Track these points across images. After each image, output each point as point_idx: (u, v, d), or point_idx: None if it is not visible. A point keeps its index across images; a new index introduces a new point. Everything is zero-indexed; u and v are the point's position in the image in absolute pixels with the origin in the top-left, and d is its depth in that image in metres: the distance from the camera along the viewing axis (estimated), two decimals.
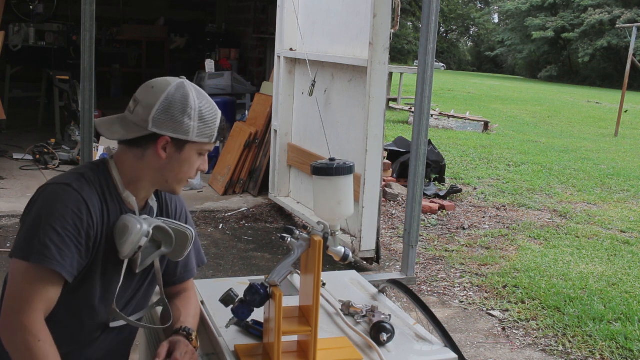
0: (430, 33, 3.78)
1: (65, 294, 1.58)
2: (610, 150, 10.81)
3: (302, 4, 5.13)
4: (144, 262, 1.68)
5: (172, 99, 1.60)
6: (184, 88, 1.63)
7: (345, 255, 1.79)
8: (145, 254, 1.67)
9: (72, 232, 1.54)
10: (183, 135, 1.61)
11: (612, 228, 5.79)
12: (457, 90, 22.92)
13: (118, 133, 1.63)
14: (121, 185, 1.66)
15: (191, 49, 9.93)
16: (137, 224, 1.60)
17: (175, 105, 1.60)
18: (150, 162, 1.64)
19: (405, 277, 4.08)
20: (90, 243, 1.58)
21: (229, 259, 4.44)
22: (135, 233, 1.59)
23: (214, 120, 1.65)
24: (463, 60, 52.82)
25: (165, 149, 1.63)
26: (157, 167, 1.65)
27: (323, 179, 1.70)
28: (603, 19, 35.31)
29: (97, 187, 1.62)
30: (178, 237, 1.70)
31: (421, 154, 3.96)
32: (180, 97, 1.61)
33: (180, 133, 1.61)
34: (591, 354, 3.37)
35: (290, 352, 1.68)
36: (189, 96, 1.62)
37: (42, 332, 1.51)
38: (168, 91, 1.61)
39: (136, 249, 1.61)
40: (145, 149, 1.63)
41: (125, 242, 1.60)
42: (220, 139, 1.69)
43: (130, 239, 1.59)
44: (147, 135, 1.61)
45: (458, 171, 7.83)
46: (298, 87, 5.29)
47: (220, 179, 6.04)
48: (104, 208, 1.62)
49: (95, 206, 1.59)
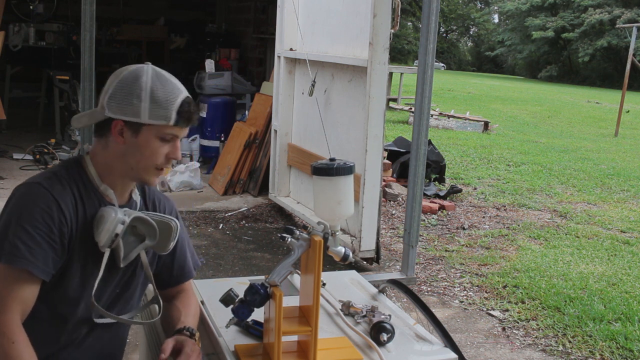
0: (430, 33, 3.78)
1: (45, 292, 1.57)
2: (610, 150, 10.81)
3: (302, 4, 5.13)
4: (127, 255, 1.66)
5: (123, 82, 1.59)
6: (138, 70, 1.61)
7: (346, 256, 1.79)
8: (128, 247, 1.65)
9: (44, 229, 1.53)
10: (135, 118, 1.58)
11: (612, 228, 5.79)
12: (457, 90, 22.92)
13: (83, 121, 1.64)
14: (97, 179, 1.65)
15: (191, 49, 9.92)
16: (112, 212, 1.59)
17: (125, 87, 1.59)
18: (113, 149, 1.63)
19: (405, 277, 4.09)
20: (65, 240, 1.57)
21: (229, 259, 4.44)
22: (110, 221, 1.58)
23: (170, 102, 1.60)
24: (463, 60, 52.83)
25: (122, 134, 1.61)
26: (120, 154, 1.63)
27: (323, 179, 1.70)
28: (603, 18, 35.32)
29: (70, 185, 1.60)
30: (162, 229, 1.67)
31: (421, 154, 3.96)
32: (132, 80, 1.59)
33: (131, 115, 1.58)
34: (591, 354, 3.37)
35: (290, 352, 1.68)
36: (141, 77, 1.59)
37: (16, 333, 1.49)
38: (122, 75, 1.61)
39: (113, 236, 1.59)
40: (107, 137, 1.63)
41: (101, 231, 1.58)
42: (183, 122, 1.63)
43: (106, 226, 1.58)
44: (104, 121, 1.60)
45: (458, 171, 7.83)
46: (298, 87, 5.29)
47: (220, 179, 6.04)
48: (77, 204, 1.60)
49: (67, 203, 1.57)
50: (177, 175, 5.94)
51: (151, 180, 1.68)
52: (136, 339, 3.13)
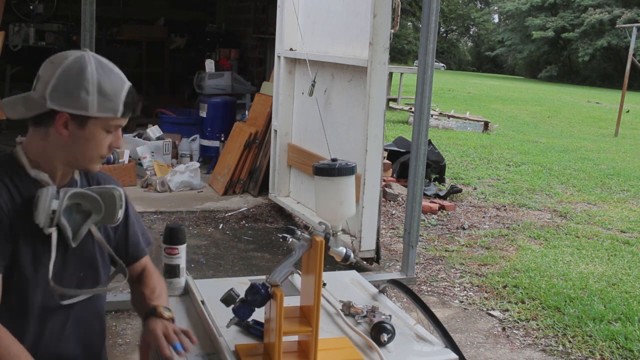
0: (430, 33, 3.78)
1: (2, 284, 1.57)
2: (610, 150, 10.81)
3: (302, 4, 5.13)
4: (76, 234, 1.65)
5: (68, 73, 1.55)
6: (81, 60, 1.56)
7: (347, 256, 1.79)
8: (75, 225, 1.64)
9: None
10: (82, 111, 1.55)
11: (612, 228, 5.79)
12: (457, 90, 22.92)
13: (19, 112, 1.60)
14: (28, 165, 1.62)
15: (191, 49, 9.92)
16: (44, 191, 1.57)
17: (71, 79, 1.55)
18: (55, 140, 1.60)
19: (405, 277, 4.09)
20: (6, 229, 1.56)
21: (229, 259, 4.44)
22: (44, 197, 1.56)
23: (117, 93, 1.57)
24: (463, 60, 52.83)
25: (66, 126, 1.58)
26: (62, 145, 1.61)
27: (325, 180, 1.70)
28: (603, 18, 35.32)
29: (1, 175, 1.59)
30: (105, 199, 1.65)
31: (421, 154, 3.96)
32: (77, 71, 1.55)
33: (79, 109, 1.55)
34: (591, 354, 3.37)
35: (290, 352, 1.68)
36: (86, 69, 1.55)
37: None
38: (64, 65, 1.56)
39: (50, 214, 1.57)
40: (48, 127, 1.59)
41: (38, 211, 1.57)
42: (128, 113, 1.61)
43: (40, 205, 1.57)
44: (46, 113, 1.57)
45: (458, 171, 7.84)
46: (298, 87, 5.30)
47: (220, 179, 6.04)
48: (12, 192, 1.59)
49: (1, 194, 1.56)
50: (177, 175, 5.94)
51: (94, 167, 1.69)
52: (136, 339, 3.14)
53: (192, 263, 4.23)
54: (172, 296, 2.01)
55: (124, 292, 3.74)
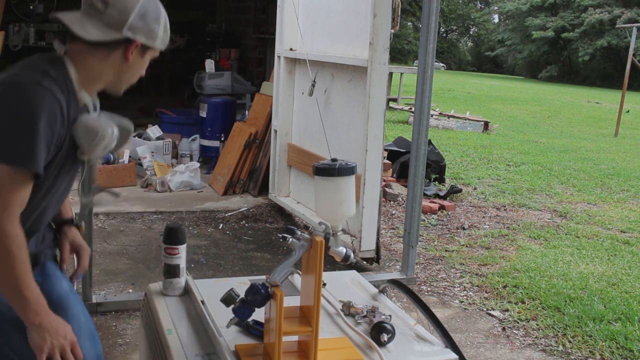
0: (430, 33, 3.78)
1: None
2: (610, 150, 10.81)
3: (302, 4, 5.13)
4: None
5: (147, 6, 1.67)
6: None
7: (347, 256, 1.79)
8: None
9: (49, 133, 1.54)
10: (152, 42, 1.69)
11: (612, 228, 5.79)
12: (457, 90, 22.93)
13: (94, 34, 1.63)
14: (77, 83, 1.66)
15: (191, 49, 9.91)
16: (108, 128, 1.66)
17: (150, 12, 1.67)
18: (114, 64, 1.68)
19: (405, 277, 4.09)
20: (59, 143, 1.60)
21: (229, 259, 4.44)
22: (109, 137, 1.66)
23: (168, 30, 1.75)
24: (463, 60, 52.87)
25: (132, 53, 1.68)
26: (119, 69, 1.70)
27: (325, 180, 1.70)
28: (603, 18, 35.35)
29: (60, 85, 1.60)
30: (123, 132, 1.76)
31: (421, 154, 3.96)
32: (155, 6, 1.70)
33: (150, 39, 1.69)
34: (591, 354, 3.37)
35: (290, 352, 1.68)
36: (160, 5, 1.72)
37: (20, 236, 1.54)
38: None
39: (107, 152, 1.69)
40: (112, 51, 1.66)
41: (96, 145, 1.64)
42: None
43: (104, 143, 1.65)
44: (119, 39, 1.64)
45: (458, 171, 7.84)
46: (298, 87, 5.30)
47: (220, 179, 6.04)
48: (69, 106, 1.62)
49: (64, 105, 1.59)
50: (177, 175, 5.94)
51: (122, 91, 1.79)
52: (136, 339, 3.14)
53: (192, 263, 4.23)
54: (172, 296, 2.02)
55: (124, 292, 3.74)
